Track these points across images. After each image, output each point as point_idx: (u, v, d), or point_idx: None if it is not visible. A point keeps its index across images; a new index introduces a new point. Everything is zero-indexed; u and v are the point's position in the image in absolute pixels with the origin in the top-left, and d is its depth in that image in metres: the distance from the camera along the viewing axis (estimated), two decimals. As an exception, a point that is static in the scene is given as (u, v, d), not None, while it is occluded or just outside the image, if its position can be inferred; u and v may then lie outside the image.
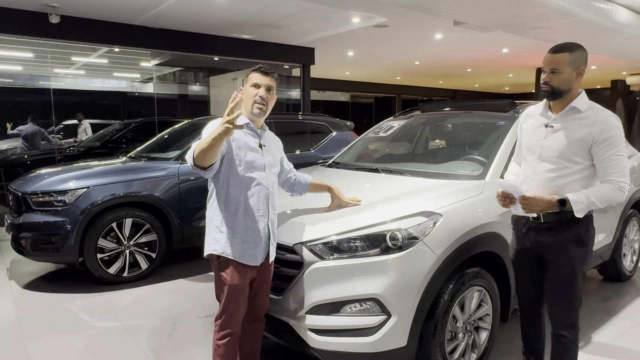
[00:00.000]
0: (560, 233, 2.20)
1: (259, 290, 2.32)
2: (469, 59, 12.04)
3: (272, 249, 2.28)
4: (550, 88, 2.15)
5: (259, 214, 2.21)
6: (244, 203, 2.18)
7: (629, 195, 3.96)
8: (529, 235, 2.31)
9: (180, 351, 3.04)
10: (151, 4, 6.60)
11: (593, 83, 18.75)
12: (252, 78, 2.27)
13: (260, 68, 2.27)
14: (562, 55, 2.11)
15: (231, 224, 2.17)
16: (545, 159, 2.20)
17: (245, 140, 2.23)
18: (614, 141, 2.09)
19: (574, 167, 2.15)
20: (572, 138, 2.13)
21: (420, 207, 2.46)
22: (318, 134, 6.02)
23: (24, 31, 6.78)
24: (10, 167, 7.20)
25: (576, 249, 2.20)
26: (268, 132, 2.40)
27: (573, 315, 2.26)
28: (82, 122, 8.87)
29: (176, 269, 4.70)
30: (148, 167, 4.55)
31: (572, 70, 2.12)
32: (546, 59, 2.15)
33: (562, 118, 2.19)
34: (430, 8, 5.74)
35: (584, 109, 2.15)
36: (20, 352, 3.04)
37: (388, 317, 2.23)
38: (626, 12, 6.60)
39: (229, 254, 2.16)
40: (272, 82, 2.28)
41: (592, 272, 4.32)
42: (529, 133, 2.34)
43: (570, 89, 2.14)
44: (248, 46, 9.05)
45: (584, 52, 2.15)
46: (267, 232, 2.24)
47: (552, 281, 2.27)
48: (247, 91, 2.27)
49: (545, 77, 2.15)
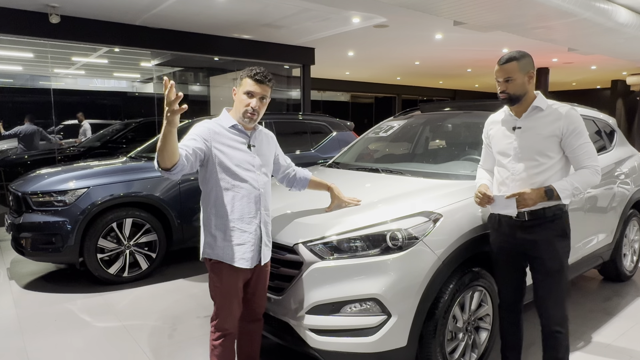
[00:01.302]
0: (545, 229, 2.29)
1: (256, 291, 2.31)
2: (469, 59, 12.04)
3: (265, 251, 2.26)
4: (507, 95, 2.29)
5: (250, 216, 2.18)
6: (234, 205, 2.15)
7: (630, 195, 3.96)
8: (514, 233, 2.36)
9: (180, 351, 3.04)
10: (151, 4, 6.60)
11: (593, 83, 18.75)
12: (246, 84, 2.17)
13: (256, 75, 2.16)
14: (511, 64, 2.26)
15: (222, 227, 2.16)
16: (521, 159, 2.30)
17: (232, 142, 2.19)
18: (580, 131, 2.25)
19: (550, 162, 2.27)
20: (542, 135, 2.26)
21: (420, 207, 2.46)
22: (318, 134, 6.02)
23: (24, 31, 6.78)
24: (10, 167, 7.20)
25: (561, 243, 2.32)
26: (260, 132, 2.33)
27: (564, 309, 2.35)
28: (83, 122, 8.87)
29: (176, 269, 4.70)
30: (148, 167, 4.55)
31: (523, 75, 2.26)
32: (497, 71, 2.30)
33: (528, 118, 2.31)
34: (430, 8, 5.74)
35: (545, 107, 2.30)
36: (20, 352, 3.04)
37: (388, 317, 2.23)
38: (626, 12, 6.59)
39: (221, 258, 2.16)
40: (267, 90, 2.20)
41: (592, 272, 4.32)
42: (498, 139, 2.44)
43: (526, 92, 2.29)
44: (248, 46, 9.05)
45: (530, 58, 2.31)
46: (259, 234, 2.21)
47: (542, 277, 2.34)
48: (239, 96, 2.20)
49: (501, 86, 2.30)
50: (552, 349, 2.38)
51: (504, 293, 2.55)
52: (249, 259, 2.18)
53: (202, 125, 2.19)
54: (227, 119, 2.23)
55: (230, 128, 2.21)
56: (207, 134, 2.15)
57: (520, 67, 2.25)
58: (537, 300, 2.39)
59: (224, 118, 2.25)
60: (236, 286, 2.19)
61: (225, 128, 2.20)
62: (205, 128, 2.17)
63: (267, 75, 2.19)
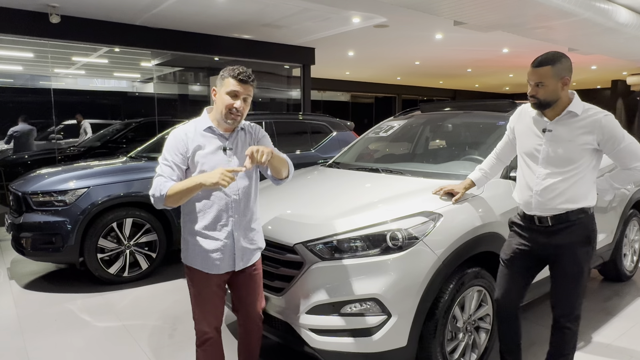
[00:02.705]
0: (569, 234, 2.23)
1: (247, 295, 2.27)
2: (469, 59, 12.04)
3: (247, 254, 2.19)
4: (537, 101, 2.18)
5: (220, 224, 2.10)
6: (204, 212, 2.10)
7: (630, 195, 3.96)
8: (536, 238, 2.31)
9: (181, 351, 3.03)
10: (151, 4, 6.60)
11: (593, 83, 18.75)
12: (230, 84, 2.05)
13: (240, 75, 2.04)
14: (545, 69, 2.12)
15: (193, 232, 2.13)
16: (549, 164, 2.22)
17: (206, 145, 2.09)
18: (616, 138, 2.16)
19: (577, 169, 2.19)
20: (576, 143, 2.17)
21: (420, 207, 2.46)
22: (318, 134, 6.02)
23: (24, 31, 6.78)
24: (10, 167, 7.20)
25: (584, 249, 2.25)
26: (240, 132, 2.18)
27: (579, 307, 2.31)
28: (82, 122, 8.87)
29: (176, 269, 4.70)
30: (148, 167, 4.55)
31: (556, 82, 2.13)
32: (530, 73, 2.18)
33: (560, 123, 2.21)
34: (430, 8, 5.74)
35: (580, 112, 2.18)
36: (20, 352, 3.04)
37: (388, 317, 2.23)
38: (626, 12, 6.59)
39: (191, 263, 2.15)
40: (250, 91, 2.09)
41: (592, 272, 4.32)
42: (525, 138, 2.34)
43: (558, 98, 2.17)
44: (248, 46, 9.05)
45: (567, 61, 2.16)
46: (231, 241, 2.12)
47: (560, 278, 2.29)
48: (220, 96, 2.07)
49: (531, 90, 2.18)
50: (559, 345, 2.36)
51: (505, 297, 2.44)
52: (218, 266, 2.12)
53: (175, 137, 2.10)
54: (204, 121, 2.14)
55: (205, 131, 2.11)
56: (181, 145, 2.07)
57: (553, 72, 2.12)
58: (552, 296, 2.35)
59: (201, 119, 2.15)
60: (209, 290, 2.15)
61: (200, 131, 2.11)
62: (177, 140, 2.08)
63: (251, 75, 2.08)
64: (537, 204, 2.25)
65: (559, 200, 2.21)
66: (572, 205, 2.20)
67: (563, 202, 2.20)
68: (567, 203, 2.20)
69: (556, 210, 2.22)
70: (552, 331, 2.39)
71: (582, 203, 2.22)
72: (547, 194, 2.22)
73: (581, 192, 2.21)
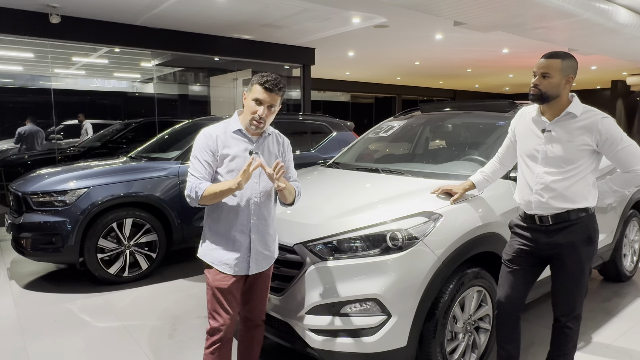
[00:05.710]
0: (570, 233, 2.24)
1: (251, 298, 2.27)
2: (469, 59, 12.04)
3: (260, 260, 2.19)
4: (538, 91, 2.22)
5: (240, 224, 2.13)
6: (226, 212, 2.13)
7: (629, 195, 3.96)
8: (537, 238, 2.31)
9: (181, 351, 3.04)
10: (151, 5, 6.60)
11: (593, 83, 18.75)
12: (256, 91, 2.09)
13: (266, 83, 2.07)
14: (555, 61, 2.18)
15: (214, 230, 2.16)
16: (548, 164, 2.24)
17: (234, 147, 2.14)
18: (615, 139, 2.18)
19: (577, 170, 2.21)
20: (574, 144, 2.19)
21: (420, 207, 2.46)
22: (318, 134, 6.02)
23: (25, 31, 6.78)
24: (10, 167, 7.20)
25: (585, 248, 2.26)
26: (267, 138, 2.24)
27: (580, 307, 2.33)
28: (84, 122, 8.88)
29: (176, 269, 4.70)
30: (148, 167, 4.56)
31: (561, 77, 2.18)
32: (539, 63, 2.23)
33: (559, 123, 2.24)
34: (430, 8, 5.74)
35: (579, 114, 2.21)
36: (20, 352, 3.04)
37: (388, 317, 2.23)
38: (626, 12, 6.59)
39: (209, 260, 2.16)
40: (276, 99, 2.11)
41: (593, 272, 4.32)
42: (525, 139, 2.37)
43: (559, 95, 2.21)
44: (248, 46, 9.05)
45: (575, 62, 2.23)
46: (247, 244, 2.15)
47: (561, 277, 2.31)
48: (248, 102, 2.14)
49: (536, 80, 2.22)
50: (560, 344, 2.37)
51: (505, 299, 2.40)
52: (232, 267, 2.13)
53: (205, 136, 2.15)
54: (234, 123, 2.19)
55: (234, 132, 2.17)
56: (211, 143, 2.13)
57: (562, 67, 2.17)
58: (553, 295, 2.37)
59: (232, 121, 2.21)
60: (226, 287, 2.14)
61: (229, 133, 2.17)
62: (208, 138, 2.14)
63: (278, 83, 2.10)
64: (537, 203, 2.26)
65: (558, 199, 2.22)
66: (571, 205, 2.22)
67: (562, 201, 2.22)
68: (566, 203, 2.21)
69: (556, 209, 2.23)
70: (553, 330, 2.40)
71: (581, 203, 2.23)
72: (547, 193, 2.23)
73: (580, 192, 2.22)
